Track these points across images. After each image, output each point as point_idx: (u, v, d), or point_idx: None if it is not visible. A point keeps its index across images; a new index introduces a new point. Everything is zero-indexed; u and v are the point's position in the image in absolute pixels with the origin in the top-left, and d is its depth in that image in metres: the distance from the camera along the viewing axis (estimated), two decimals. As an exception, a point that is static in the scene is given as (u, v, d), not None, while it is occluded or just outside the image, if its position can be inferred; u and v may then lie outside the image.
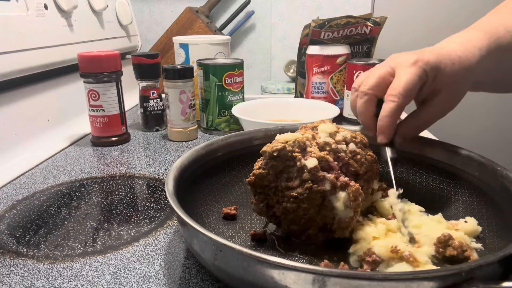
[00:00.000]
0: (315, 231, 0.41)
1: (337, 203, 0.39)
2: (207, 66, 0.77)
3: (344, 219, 0.39)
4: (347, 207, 0.39)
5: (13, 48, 0.67)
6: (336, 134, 0.42)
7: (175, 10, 1.31)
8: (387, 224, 0.40)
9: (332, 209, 0.39)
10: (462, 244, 0.37)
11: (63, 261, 0.40)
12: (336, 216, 0.39)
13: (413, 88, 0.42)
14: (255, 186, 0.41)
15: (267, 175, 0.40)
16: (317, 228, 0.41)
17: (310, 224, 0.41)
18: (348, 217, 0.39)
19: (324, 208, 0.39)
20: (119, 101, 0.74)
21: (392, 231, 0.40)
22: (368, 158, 0.43)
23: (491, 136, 1.27)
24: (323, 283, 0.27)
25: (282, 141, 0.40)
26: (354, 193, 0.39)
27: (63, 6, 0.81)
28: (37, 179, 0.60)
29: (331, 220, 0.40)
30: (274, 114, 0.79)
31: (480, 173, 0.44)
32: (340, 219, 0.39)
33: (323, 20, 0.85)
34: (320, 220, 0.40)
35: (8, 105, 0.67)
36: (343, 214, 0.39)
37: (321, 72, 0.84)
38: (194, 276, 0.38)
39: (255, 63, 1.37)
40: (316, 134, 0.42)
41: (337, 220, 0.39)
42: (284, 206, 0.40)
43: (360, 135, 0.44)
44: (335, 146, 0.41)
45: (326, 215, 0.40)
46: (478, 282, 0.27)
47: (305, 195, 0.39)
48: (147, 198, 0.54)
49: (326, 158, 0.39)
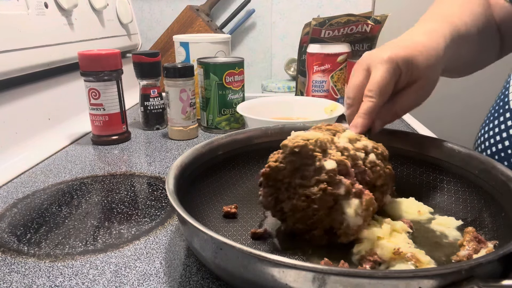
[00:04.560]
0: (321, 232, 0.40)
1: (348, 209, 0.38)
2: (207, 64, 0.77)
3: (352, 226, 0.38)
4: (358, 215, 0.38)
5: (14, 47, 0.67)
6: (356, 141, 0.43)
7: (176, 9, 1.31)
8: (392, 225, 0.40)
9: (342, 214, 0.39)
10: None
11: (64, 260, 0.40)
12: (344, 222, 0.39)
13: (387, 84, 0.44)
14: (268, 178, 0.40)
15: (283, 170, 0.39)
16: (322, 230, 0.40)
17: (316, 225, 0.40)
18: (356, 225, 0.38)
19: (334, 211, 0.39)
20: (120, 100, 0.74)
21: (398, 231, 0.40)
22: (386, 172, 0.43)
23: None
24: (323, 281, 0.27)
25: (304, 138, 0.39)
26: (368, 202, 0.38)
27: (63, 4, 0.81)
28: (38, 178, 0.60)
29: (339, 225, 0.39)
30: (278, 112, 0.80)
31: (479, 172, 0.44)
32: (348, 226, 0.39)
33: (324, 18, 0.85)
34: (327, 223, 0.40)
35: (9, 104, 0.67)
36: (352, 221, 0.38)
37: (321, 71, 0.84)
38: (195, 274, 0.38)
39: (256, 62, 1.37)
40: (334, 137, 0.42)
41: (345, 226, 0.39)
42: (295, 203, 0.40)
43: (381, 147, 0.44)
44: (354, 153, 0.41)
45: (335, 219, 0.39)
46: (478, 280, 0.27)
47: (318, 196, 0.38)
48: (147, 196, 0.54)
49: (345, 163, 0.39)
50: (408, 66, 0.45)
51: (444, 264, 0.37)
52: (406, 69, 0.45)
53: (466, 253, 0.37)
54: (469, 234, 0.39)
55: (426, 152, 0.50)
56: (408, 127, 0.82)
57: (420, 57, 0.46)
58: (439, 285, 0.27)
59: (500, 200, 0.40)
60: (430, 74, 0.47)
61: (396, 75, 0.45)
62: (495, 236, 0.39)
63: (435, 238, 0.41)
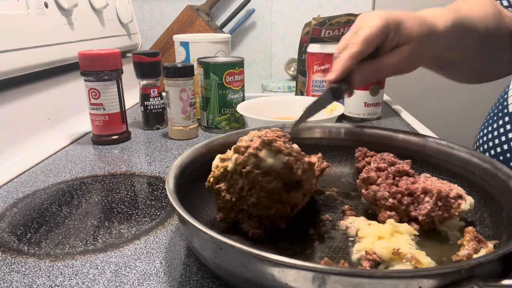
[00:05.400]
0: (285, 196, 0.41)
1: (267, 161, 0.39)
2: (207, 64, 0.77)
3: (284, 166, 0.39)
4: (272, 156, 0.39)
5: (14, 47, 0.67)
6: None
7: (176, 8, 1.31)
8: (395, 226, 0.40)
9: (271, 168, 0.39)
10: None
11: (64, 259, 0.40)
12: (278, 170, 0.39)
13: (373, 36, 0.45)
14: (227, 216, 0.43)
15: (224, 198, 0.42)
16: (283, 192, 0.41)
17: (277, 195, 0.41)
18: (282, 161, 0.39)
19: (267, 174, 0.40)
20: (120, 100, 0.74)
21: (401, 232, 0.40)
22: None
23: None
24: (323, 280, 0.27)
25: (212, 169, 0.43)
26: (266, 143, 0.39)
27: (63, 4, 0.81)
28: (38, 178, 0.60)
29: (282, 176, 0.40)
30: (278, 112, 0.79)
31: (479, 171, 0.44)
32: (282, 169, 0.39)
33: (324, 18, 0.85)
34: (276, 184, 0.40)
35: (9, 104, 0.67)
36: (277, 163, 0.39)
37: (321, 70, 0.84)
38: (195, 274, 0.38)
39: (256, 61, 1.37)
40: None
41: (281, 171, 0.39)
42: (250, 203, 0.41)
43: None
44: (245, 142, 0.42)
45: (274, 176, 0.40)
46: (478, 280, 0.27)
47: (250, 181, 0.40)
48: (147, 196, 0.54)
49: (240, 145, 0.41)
50: (399, 27, 0.45)
51: (444, 263, 0.37)
52: (395, 30, 0.45)
53: (466, 252, 0.37)
54: (469, 234, 0.39)
55: (426, 152, 0.50)
56: (408, 127, 0.82)
57: (413, 23, 0.46)
58: (439, 284, 0.27)
59: (500, 200, 0.40)
60: (420, 42, 0.47)
61: (384, 31, 0.45)
62: (495, 236, 0.39)
63: (435, 238, 0.41)
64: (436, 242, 0.40)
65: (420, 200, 0.42)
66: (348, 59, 0.45)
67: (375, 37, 0.45)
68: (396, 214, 0.42)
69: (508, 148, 0.51)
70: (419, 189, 0.42)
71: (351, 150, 0.54)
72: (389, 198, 0.42)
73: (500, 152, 0.52)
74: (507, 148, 0.52)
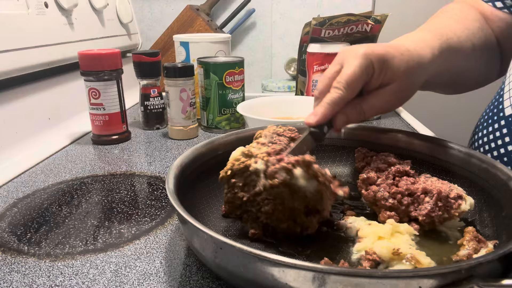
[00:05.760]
0: (303, 218, 0.40)
1: (299, 181, 0.38)
2: (207, 64, 0.77)
3: (315, 192, 0.39)
4: (307, 178, 0.38)
5: (14, 47, 0.67)
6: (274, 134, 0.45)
7: (176, 8, 1.31)
8: (395, 226, 0.40)
9: (300, 189, 0.39)
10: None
11: (64, 259, 0.40)
12: (307, 193, 0.39)
13: (357, 79, 0.42)
14: (232, 212, 0.42)
15: (236, 194, 0.41)
16: (302, 214, 0.40)
17: (294, 214, 0.40)
18: (315, 187, 0.38)
19: (295, 193, 0.39)
20: (120, 99, 0.74)
21: (401, 233, 0.40)
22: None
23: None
24: (323, 280, 0.27)
25: (231, 161, 0.41)
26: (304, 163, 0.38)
27: (63, 4, 0.81)
28: (38, 177, 0.60)
29: (308, 200, 0.39)
30: (278, 112, 0.80)
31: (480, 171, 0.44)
32: (312, 194, 0.39)
33: (324, 18, 0.85)
34: (298, 205, 0.40)
35: (9, 104, 0.67)
36: (309, 186, 0.38)
37: (321, 70, 0.84)
38: (195, 273, 0.38)
39: (256, 61, 1.37)
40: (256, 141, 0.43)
41: (310, 196, 0.39)
42: (263, 210, 0.40)
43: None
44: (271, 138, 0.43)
45: (300, 198, 0.39)
46: (478, 279, 0.27)
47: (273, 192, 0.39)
48: (147, 196, 0.54)
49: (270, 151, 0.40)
50: (383, 65, 0.43)
51: (444, 263, 0.37)
52: (380, 68, 0.43)
53: (466, 252, 0.37)
54: (469, 234, 0.39)
55: (426, 152, 0.50)
56: (408, 127, 0.82)
57: (399, 59, 0.44)
58: (439, 284, 0.27)
59: (500, 200, 0.40)
60: (408, 79, 0.45)
61: (368, 71, 0.43)
62: (495, 236, 0.39)
63: (435, 238, 0.41)
64: (436, 242, 0.40)
65: (420, 201, 0.42)
66: (330, 105, 0.42)
67: (359, 79, 0.42)
68: (396, 214, 0.42)
69: (505, 151, 0.51)
70: (419, 190, 0.42)
71: (351, 150, 0.54)
72: (389, 199, 0.42)
73: (497, 156, 0.51)
74: (504, 152, 0.51)
